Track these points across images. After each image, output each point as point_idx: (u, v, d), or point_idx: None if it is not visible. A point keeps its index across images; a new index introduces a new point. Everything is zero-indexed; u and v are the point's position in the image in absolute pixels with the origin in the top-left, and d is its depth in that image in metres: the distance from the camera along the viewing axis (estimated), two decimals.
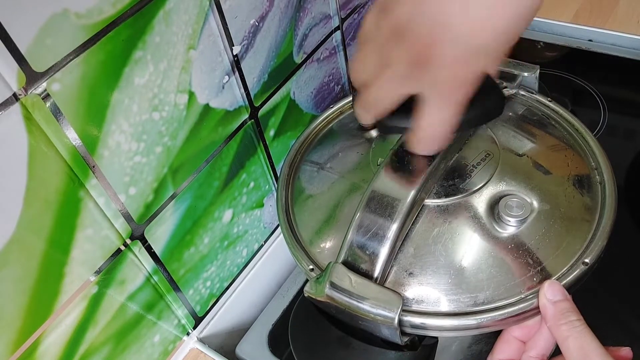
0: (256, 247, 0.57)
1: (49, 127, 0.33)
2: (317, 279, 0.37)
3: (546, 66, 0.74)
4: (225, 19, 0.42)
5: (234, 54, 0.44)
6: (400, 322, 0.34)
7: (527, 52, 0.77)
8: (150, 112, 0.39)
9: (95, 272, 0.39)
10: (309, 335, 0.40)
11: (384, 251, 0.35)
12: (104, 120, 0.36)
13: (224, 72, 0.44)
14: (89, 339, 0.41)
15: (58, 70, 0.32)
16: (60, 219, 0.35)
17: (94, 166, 0.36)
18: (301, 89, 0.54)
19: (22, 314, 0.35)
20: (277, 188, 0.45)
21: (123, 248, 0.41)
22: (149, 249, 0.43)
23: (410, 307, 0.35)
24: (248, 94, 0.47)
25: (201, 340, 0.53)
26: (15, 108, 0.31)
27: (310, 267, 0.39)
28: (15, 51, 0.30)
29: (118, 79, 0.36)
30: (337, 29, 0.56)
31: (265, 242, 0.58)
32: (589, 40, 0.73)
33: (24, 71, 0.30)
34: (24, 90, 0.31)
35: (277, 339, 0.54)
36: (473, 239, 0.37)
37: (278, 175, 0.55)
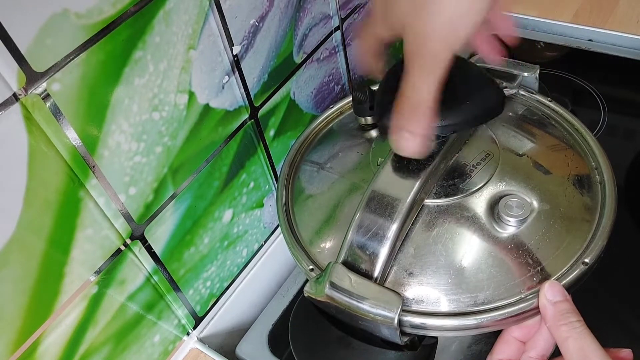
0: (256, 247, 0.57)
1: (49, 127, 0.33)
2: (317, 279, 0.37)
3: (546, 66, 0.74)
4: (225, 19, 0.42)
5: (234, 54, 0.44)
6: (400, 322, 0.34)
7: (527, 52, 0.77)
8: (150, 112, 0.39)
9: (95, 272, 0.39)
10: (309, 335, 0.40)
11: (384, 251, 0.35)
12: (104, 120, 0.36)
13: (224, 72, 0.44)
14: (89, 339, 0.41)
15: (58, 70, 0.32)
16: (60, 219, 0.35)
17: (94, 166, 0.36)
18: (301, 89, 0.54)
19: (22, 314, 0.35)
20: (277, 188, 0.45)
21: (123, 248, 0.41)
22: (149, 249, 0.43)
23: (410, 307, 0.35)
24: (248, 94, 0.47)
25: (201, 340, 0.53)
26: (15, 108, 0.31)
27: (310, 267, 0.39)
28: (15, 51, 0.30)
29: (118, 79, 0.36)
30: (337, 29, 0.56)
31: (265, 242, 0.58)
32: (589, 40, 0.73)
33: (24, 71, 0.30)
34: (24, 90, 0.31)
35: (277, 339, 0.54)
36: (473, 239, 0.37)
37: (278, 175, 0.55)
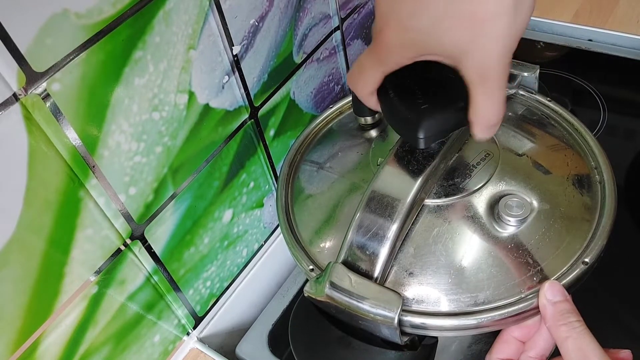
0: (256, 247, 0.57)
1: (49, 127, 0.33)
2: (317, 279, 0.37)
3: (546, 66, 0.74)
4: (225, 19, 0.42)
5: (234, 54, 0.44)
6: (400, 322, 0.34)
7: (527, 52, 0.77)
8: (150, 112, 0.39)
9: (95, 272, 0.39)
10: (309, 335, 0.40)
11: (384, 251, 0.35)
12: (104, 120, 0.36)
13: (224, 72, 0.44)
14: (89, 339, 0.41)
15: (58, 70, 0.32)
16: (60, 219, 0.35)
17: (94, 166, 0.36)
18: (301, 88, 0.54)
19: (22, 314, 0.35)
20: (277, 188, 0.45)
21: (123, 248, 0.41)
22: (149, 249, 0.43)
23: (410, 307, 0.35)
24: (248, 94, 0.47)
25: (201, 340, 0.53)
26: (15, 108, 0.31)
27: (310, 267, 0.39)
28: (15, 51, 0.30)
29: (118, 79, 0.36)
30: (337, 29, 0.56)
31: (265, 242, 0.58)
32: (589, 40, 0.73)
33: (24, 71, 0.30)
34: (24, 90, 0.31)
35: (277, 339, 0.54)
36: (473, 239, 0.37)
37: (278, 175, 0.55)
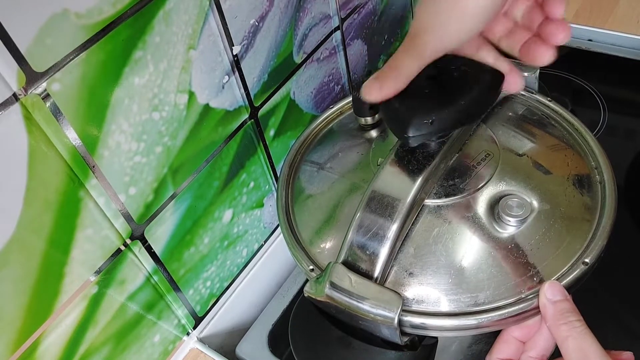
0: (256, 247, 0.57)
1: (49, 127, 0.33)
2: (317, 279, 0.37)
3: (546, 66, 0.74)
4: (225, 19, 0.42)
5: (234, 54, 0.44)
6: (400, 322, 0.34)
7: None
8: (150, 112, 0.39)
9: (95, 272, 0.39)
10: (309, 335, 0.40)
11: (384, 251, 0.35)
12: (104, 120, 0.36)
13: (224, 72, 0.44)
14: (89, 339, 0.41)
15: (58, 70, 0.32)
16: (60, 219, 0.35)
17: (94, 166, 0.36)
18: (301, 89, 0.54)
19: (22, 314, 0.35)
20: (277, 188, 0.45)
21: (123, 248, 0.41)
22: (149, 249, 0.43)
23: (410, 307, 0.35)
24: (248, 94, 0.47)
25: (201, 340, 0.53)
26: (15, 108, 0.31)
27: (310, 267, 0.39)
28: (15, 51, 0.30)
29: (118, 79, 0.36)
30: (337, 29, 0.56)
31: (265, 242, 0.58)
32: (589, 40, 0.73)
33: (24, 71, 0.30)
34: (24, 90, 0.31)
35: (277, 339, 0.54)
36: (473, 239, 0.37)
37: (278, 175, 0.55)
